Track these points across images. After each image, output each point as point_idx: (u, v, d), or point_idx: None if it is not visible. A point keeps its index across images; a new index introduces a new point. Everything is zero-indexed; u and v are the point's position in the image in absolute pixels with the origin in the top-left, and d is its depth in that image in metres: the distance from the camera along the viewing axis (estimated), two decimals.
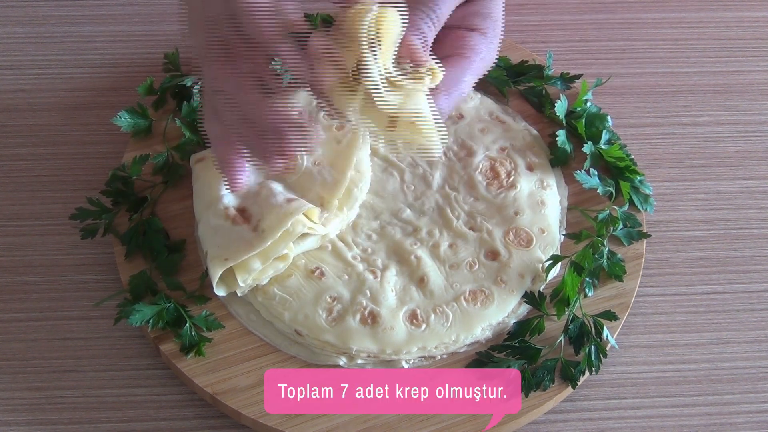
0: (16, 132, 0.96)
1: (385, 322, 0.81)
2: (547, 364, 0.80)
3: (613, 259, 0.85)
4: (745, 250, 0.91)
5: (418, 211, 0.88)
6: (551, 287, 0.84)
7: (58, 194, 0.92)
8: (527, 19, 1.05)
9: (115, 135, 0.93)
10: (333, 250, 0.85)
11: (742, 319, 0.87)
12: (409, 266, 0.85)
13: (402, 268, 0.85)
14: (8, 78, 1.00)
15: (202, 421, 0.80)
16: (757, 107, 1.01)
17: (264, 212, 0.82)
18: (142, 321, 0.80)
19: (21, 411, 0.80)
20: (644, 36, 1.06)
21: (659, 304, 0.87)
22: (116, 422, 0.80)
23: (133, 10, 1.06)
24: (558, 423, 0.81)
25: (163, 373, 0.82)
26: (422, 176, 0.90)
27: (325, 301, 0.82)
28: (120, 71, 1.00)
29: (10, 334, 0.84)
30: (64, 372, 0.82)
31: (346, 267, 0.84)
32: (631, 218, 0.88)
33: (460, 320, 0.82)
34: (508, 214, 0.88)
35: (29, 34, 1.03)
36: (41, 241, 0.89)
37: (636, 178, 0.90)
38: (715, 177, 0.96)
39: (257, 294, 0.83)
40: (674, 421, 0.82)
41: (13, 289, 0.87)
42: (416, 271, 0.84)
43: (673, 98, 1.01)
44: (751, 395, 0.83)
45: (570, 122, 0.93)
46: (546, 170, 0.91)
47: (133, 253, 0.85)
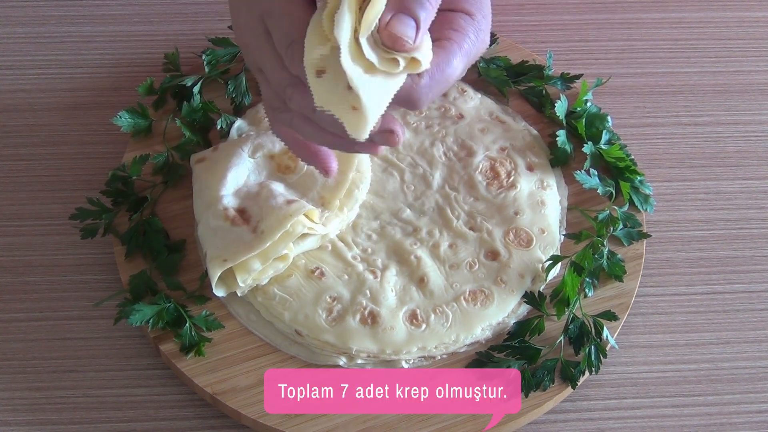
0: (16, 132, 0.96)
1: (385, 322, 0.81)
2: (547, 364, 0.80)
3: (613, 259, 0.85)
4: (745, 250, 0.91)
5: (418, 211, 0.88)
6: (551, 287, 0.84)
7: (58, 194, 0.92)
8: (527, 19, 1.05)
9: (115, 135, 0.93)
10: (333, 250, 0.85)
11: (742, 319, 0.87)
12: (409, 266, 0.85)
13: (402, 268, 0.85)
14: (8, 78, 1.00)
15: (202, 421, 0.80)
16: (757, 107, 1.01)
17: (264, 213, 0.82)
18: (142, 321, 0.80)
19: (21, 411, 0.80)
20: (644, 36, 1.06)
21: (659, 304, 0.87)
22: (116, 422, 0.80)
23: (133, 10, 1.06)
24: (558, 423, 0.81)
25: (163, 373, 0.82)
26: (422, 176, 0.90)
27: (325, 301, 0.82)
28: (120, 71, 1.00)
29: (10, 334, 0.84)
30: (64, 372, 0.82)
31: (346, 267, 0.84)
32: (631, 218, 0.88)
33: (460, 320, 0.82)
34: (508, 214, 0.88)
35: (29, 34, 1.03)
36: (41, 241, 0.89)
37: (636, 178, 0.90)
38: (715, 177, 0.96)
39: (257, 294, 0.83)
40: (674, 421, 0.82)
41: (13, 289, 0.87)
42: (416, 271, 0.84)
43: (673, 98, 1.01)
44: (751, 395, 0.83)
45: (570, 122, 0.93)
46: (546, 170, 0.91)
47: (133, 253, 0.85)
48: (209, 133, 0.93)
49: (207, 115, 0.93)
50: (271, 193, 0.84)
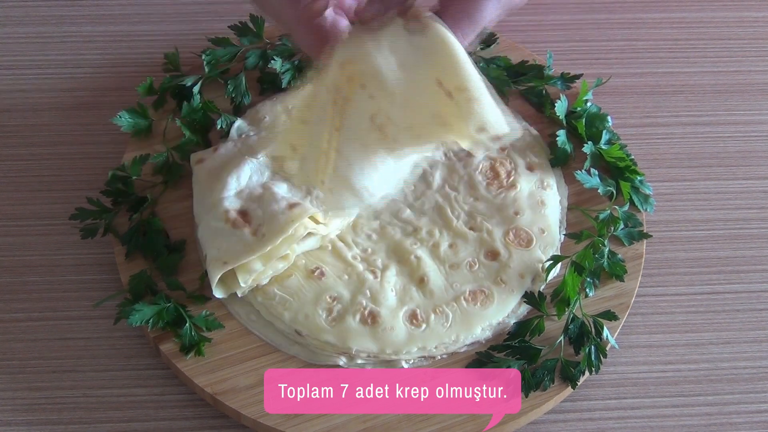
0: (16, 132, 0.96)
1: (385, 322, 0.81)
2: (547, 364, 0.80)
3: (613, 259, 0.85)
4: (745, 250, 0.91)
5: (418, 211, 0.88)
6: (551, 287, 0.84)
7: (58, 194, 0.92)
8: (527, 19, 1.05)
9: (115, 135, 0.93)
10: (333, 250, 0.85)
11: (742, 319, 0.87)
12: (409, 266, 0.85)
13: (402, 268, 0.85)
14: (8, 78, 1.00)
15: (202, 421, 0.80)
16: (757, 107, 1.01)
17: (266, 217, 0.82)
18: (142, 321, 0.80)
19: (21, 411, 0.80)
20: (644, 36, 1.06)
21: (659, 304, 0.87)
22: (116, 422, 0.80)
23: (133, 10, 1.06)
24: (558, 423, 0.81)
25: (163, 373, 0.82)
26: (422, 176, 0.90)
27: (325, 301, 0.82)
28: (120, 71, 1.00)
29: (10, 334, 0.84)
30: (64, 372, 0.82)
31: (346, 267, 0.84)
32: (632, 218, 0.88)
33: (460, 320, 0.82)
34: (508, 214, 0.88)
35: (29, 34, 1.03)
36: (41, 241, 0.89)
37: (636, 178, 0.90)
38: (715, 177, 0.96)
39: (257, 294, 0.83)
40: (674, 421, 0.82)
41: (13, 289, 0.87)
42: (416, 271, 0.84)
43: (673, 98, 1.01)
44: (751, 395, 0.83)
45: (570, 122, 0.93)
46: (546, 170, 0.91)
47: (133, 253, 0.85)
48: (209, 133, 0.93)
49: (207, 115, 0.93)
50: (274, 196, 0.84)
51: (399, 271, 0.85)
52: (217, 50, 0.96)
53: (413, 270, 0.84)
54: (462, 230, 0.87)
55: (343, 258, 0.85)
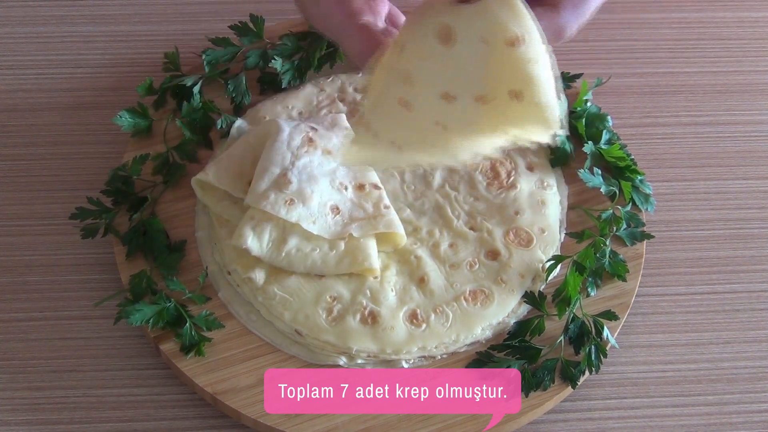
0: (16, 132, 0.96)
1: (385, 321, 0.81)
2: (547, 364, 0.80)
3: (615, 258, 0.85)
4: (745, 250, 0.91)
5: (418, 211, 0.88)
6: (552, 287, 0.84)
7: (58, 194, 0.92)
8: None
9: (115, 135, 0.93)
10: None
11: (742, 319, 0.87)
12: (409, 266, 0.85)
13: (402, 268, 0.85)
14: (8, 78, 1.00)
15: (202, 421, 0.80)
16: (757, 107, 1.01)
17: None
18: (142, 321, 0.80)
19: (21, 411, 0.80)
20: (644, 36, 1.06)
21: (659, 304, 0.87)
22: (116, 422, 0.80)
23: (133, 10, 1.06)
24: (558, 423, 0.81)
25: (163, 373, 0.82)
26: (422, 176, 0.90)
27: (325, 300, 0.82)
28: (120, 71, 1.00)
29: (10, 334, 0.84)
30: (64, 372, 0.82)
31: None
32: (635, 218, 0.88)
33: (460, 320, 0.82)
34: (508, 213, 0.88)
35: (29, 34, 1.03)
36: (41, 241, 0.89)
37: (636, 177, 0.90)
38: (715, 177, 0.96)
39: (257, 294, 0.83)
40: (674, 421, 0.82)
41: (13, 289, 0.87)
42: (416, 270, 0.84)
43: (673, 98, 1.01)
44: (751, 395, 0.83)
45: (570, 122, 0.93)
46: (546, 170, 0.91)
47: (133, 253, 0.85)
48: (209, 133, 0.93)
49: (207, 115, 0.93)
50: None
51: (399, 270, 0.85)
52: (217, 50, 0.96)
53: (413, 270, 0.84)
54: (462, 230, 0.87)
55: None
